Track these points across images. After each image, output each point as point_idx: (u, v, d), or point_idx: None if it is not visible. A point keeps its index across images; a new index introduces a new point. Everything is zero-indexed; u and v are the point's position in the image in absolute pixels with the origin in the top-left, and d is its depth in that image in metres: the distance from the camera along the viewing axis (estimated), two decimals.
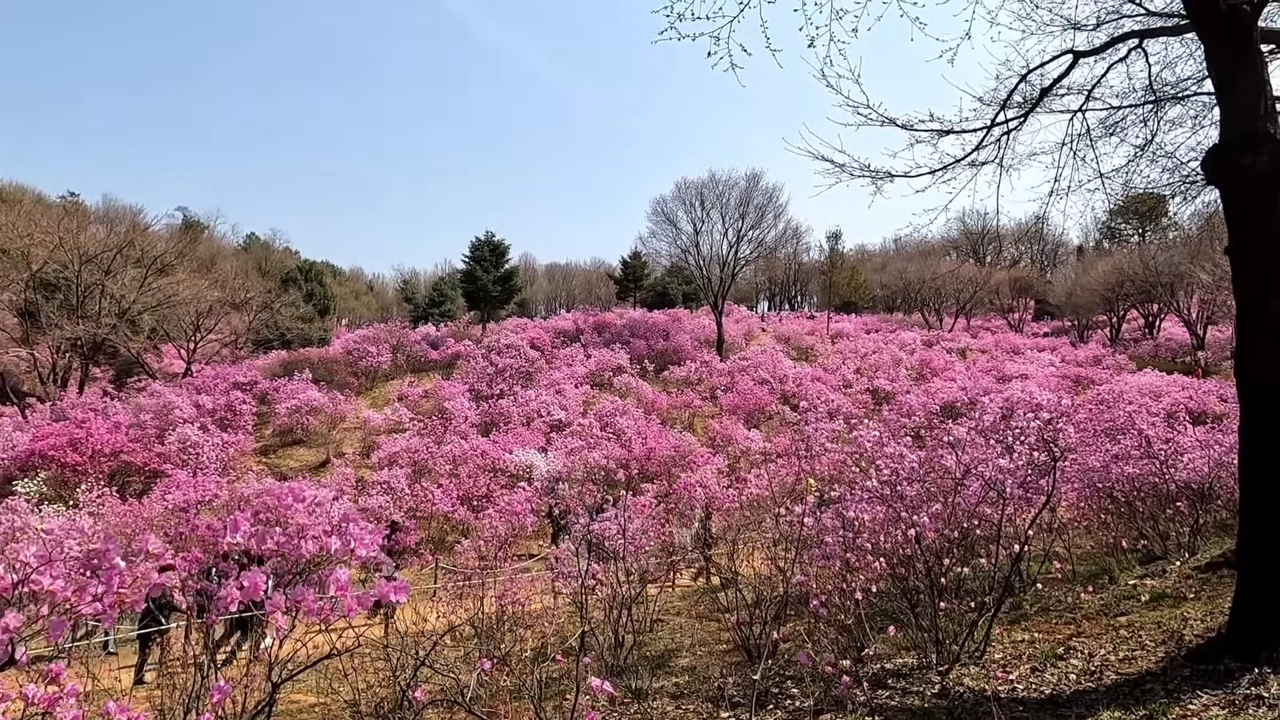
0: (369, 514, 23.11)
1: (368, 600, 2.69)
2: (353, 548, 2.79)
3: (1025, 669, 5.77)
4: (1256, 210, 5.38)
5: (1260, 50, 5.69)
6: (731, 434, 32.92)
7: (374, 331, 49.03)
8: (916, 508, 7.08)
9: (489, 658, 6.59)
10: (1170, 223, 48.88)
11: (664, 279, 73.96)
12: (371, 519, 22.56)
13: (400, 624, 7.70)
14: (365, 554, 2.81)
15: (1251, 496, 5.33)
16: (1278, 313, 5.22)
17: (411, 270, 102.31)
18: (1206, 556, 8.62)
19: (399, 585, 2.70)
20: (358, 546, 2.79)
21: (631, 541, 10.96)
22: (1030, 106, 9.71)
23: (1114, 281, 56.90)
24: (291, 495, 4.79)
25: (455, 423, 32.93)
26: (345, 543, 2.78)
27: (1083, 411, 20.75)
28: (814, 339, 54.81)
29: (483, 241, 60.26)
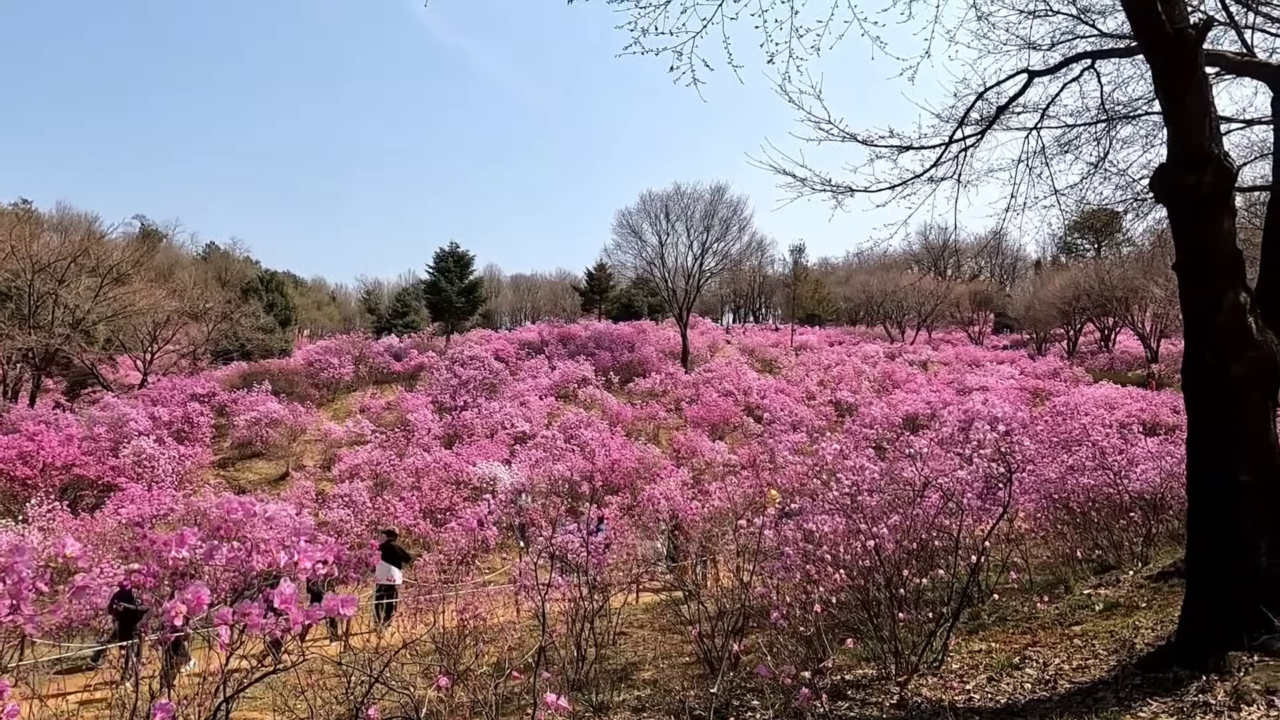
0: (329, 527, 22.81)
1: (317, 614, 2.65)
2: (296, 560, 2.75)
3: (982, 679, 5.84)
4: (1202, 228, 5.52)
5: (1205, 73, 5.85)
6: (696, 446, 33.00)
7: (336, 342, 48.51)
8: (876, 519, 7.15)
9: (448, 673, 6.52)
10: (1124, 238, 49.90)
11: (629, 291, 74.04)
12: (332, 532, 22.29)
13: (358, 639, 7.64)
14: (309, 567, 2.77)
15: (1198, 507, 5.45)
16: (1222, 328, 5.35)
17: (375, 281, 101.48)
18: (1158, 566, 8.79)
19: (346, 599, 2.67)
20: (301, 559, 2.75)
21: (595, 554, 10.93)
22: (987, 124, 9.89)
23: (1070, 295, 58.04)
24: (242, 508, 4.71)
25: (418, 435, 32.64)
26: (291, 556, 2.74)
27: (1041, 423, 21.10)
28: (778, 351, 55.18)
29: (447, 252, 59.96)
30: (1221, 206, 5.56)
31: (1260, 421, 5.35)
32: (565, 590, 9.58)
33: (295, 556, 2.74)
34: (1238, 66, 8.91)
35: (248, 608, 2.53)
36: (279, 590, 2.54)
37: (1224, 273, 5.44)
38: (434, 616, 11.82)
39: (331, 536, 20.43)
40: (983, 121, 9.96)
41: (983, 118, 9.99)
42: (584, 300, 78.23)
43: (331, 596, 2.65)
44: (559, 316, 76.84)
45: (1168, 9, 5.59)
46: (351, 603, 2.69)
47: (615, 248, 58.47)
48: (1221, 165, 5.56)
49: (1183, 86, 5.63)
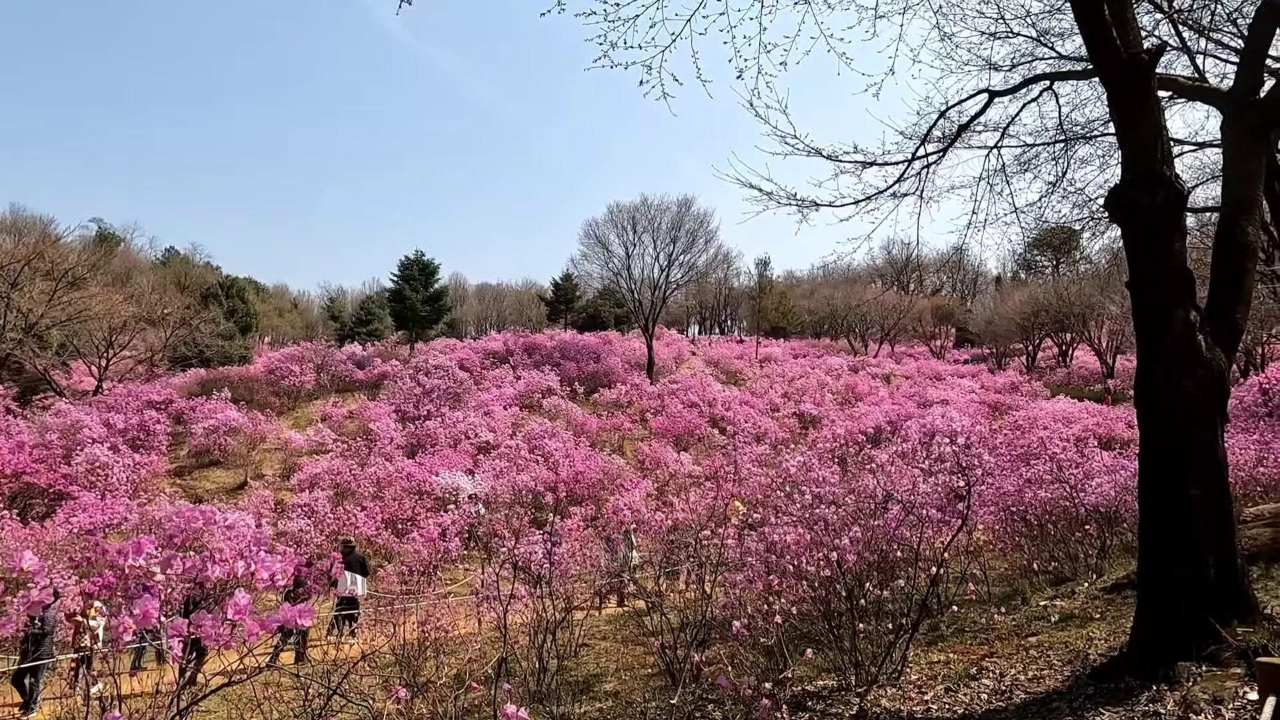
0: (288, 538, 22.49)
1: (271, 624, 2.62)
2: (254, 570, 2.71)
3: (940, 689, 5.90)
4: (1154, 247, 5.66)
5: (1158, 96, 6.01)
6: (661, 457, 33.04)
7: (298, 350, 47.87)
8: (838, 531, 7.20)
9: (407, 685, 6.45)
10: (1081, 256, 51.01)
11: (596, 301, 74.01)
12: (291, 543, 21.97)
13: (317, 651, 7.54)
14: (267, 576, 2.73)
15: (1150, 520, 5.56)
16: (1172, 345, 5.49)
17: (338, 288, 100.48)
18: (1112, 578, 8.96)
19: (303, 609, 2.64)
20: (259, 569, 2.71)
21: (558, 565, 10.89)
22: (949, 141, 10.06)
23: (1030, 311, 59.09)
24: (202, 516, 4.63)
25: (380, 444, 32.32)
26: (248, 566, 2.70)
27: (1000, 437, 21.42)
28: (743, 363, 55.45)
29: (412, 260, 59.53)
30: (1173, 227, 5.71)
31: (1209, 437, 5.49)
32: (528, 601, 9.54)
33: (253, 566, 2.70)
34: (1189, 91, 9.18)
35: (201, 619, 2.49)
36: (233, 600, 2.51)
37: (1175, 291, 5.58)
38: (395, 628, 11.67)
39: (290, 547, 20.15)
40: (945, 139, 10.13)
41: (945, 135, 10.17)
42: (550, 310, 78.02)
43: (289, 606, 2.62)
44: (525, 326, 76.47)
45: (1122, 34, 5.74)
46: (309, 613, 2.67)
47: (582, 258, 58.52)
48: (1173, 187, 5.70)
49: (1136, 109, 5.77)
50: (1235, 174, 6.43)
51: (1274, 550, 8.16)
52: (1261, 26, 7.08)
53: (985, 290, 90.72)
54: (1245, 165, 6.43)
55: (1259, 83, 6.92)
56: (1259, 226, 6.90)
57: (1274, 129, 6.74)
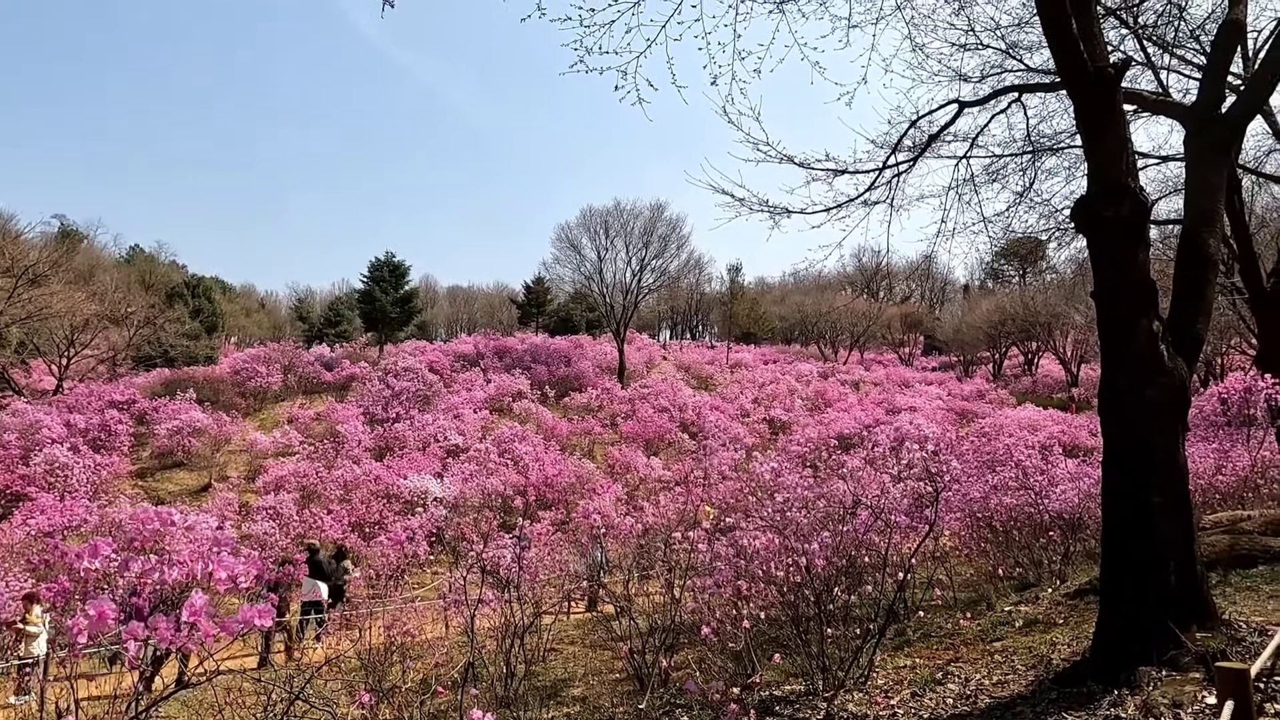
0: (253, 540, 22.20)
1: (233, 627, 2.57)
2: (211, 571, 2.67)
3: (906, 694, 5.94)
4: (1119, 258, 5.76)
5: (1123, 110, 6.11)
6: (631, 462, 33.03)
7: (265, 351, 47.30)
8: (807, 536, 7.24)
9: (371, 690, 6.38)
10: (1047, 266, 51.75)
11: (567, 305, 73.86)
12: (256, 545, 21.69)
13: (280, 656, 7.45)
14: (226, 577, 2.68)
15: (1112, 527, 5.65)
16: (1136, 354, 5.58)
17: (307, 289, 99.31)
18: (1075, 583, 9.07)
19: (262, 610, 2.60)
20: (217, 569, 2.66)
21: (527, 569, 10.85)
22: (919, 151, 10.15)
23: (997, 320, 59.89)
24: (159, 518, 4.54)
25: (348, 447, 32.01)
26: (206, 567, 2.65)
27: (966, 444, 21.65)
28: (714, 368, 55.60)
29: (382, 262, 59.05)
30: (1137, 238, 5.81)
31: (1171, 445, 5.59)
32: (496, 606, 9.49)
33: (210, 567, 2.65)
34: (1154, 105, 9.35)
35: (157, 622, 2.44)
36: (189, 602, 2.46)
37: (1139, 301, 5.68)
38: (360, 632, 11.58)
39: (254, 550, 19.89)
40: (915, 148, 10.23)
41: (915, 145, 10.26)
42: (521, 313, 77.74)
43: (248, 608, 2.57)
44: (495, 329, 76.09)
45: (1090, 47, 5.84)
46: (268, 614, 2.62)
47: (554, 261, 58.45)
48: (1137, 199, 5.81)
49: (1102, 122, 5.87)
50: (1197, 187, 6.55)
51: (1231, 557, 8.33)
52: (1223, 43, 7.24)
53: (953, 299, 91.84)
54: (1207, 179, 6.55)
55: (1221, 98, 7.06)
56: (1220, 239, 7.04)
57: (1235, 144, 6.88)
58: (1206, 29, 13.50)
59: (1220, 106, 6.98)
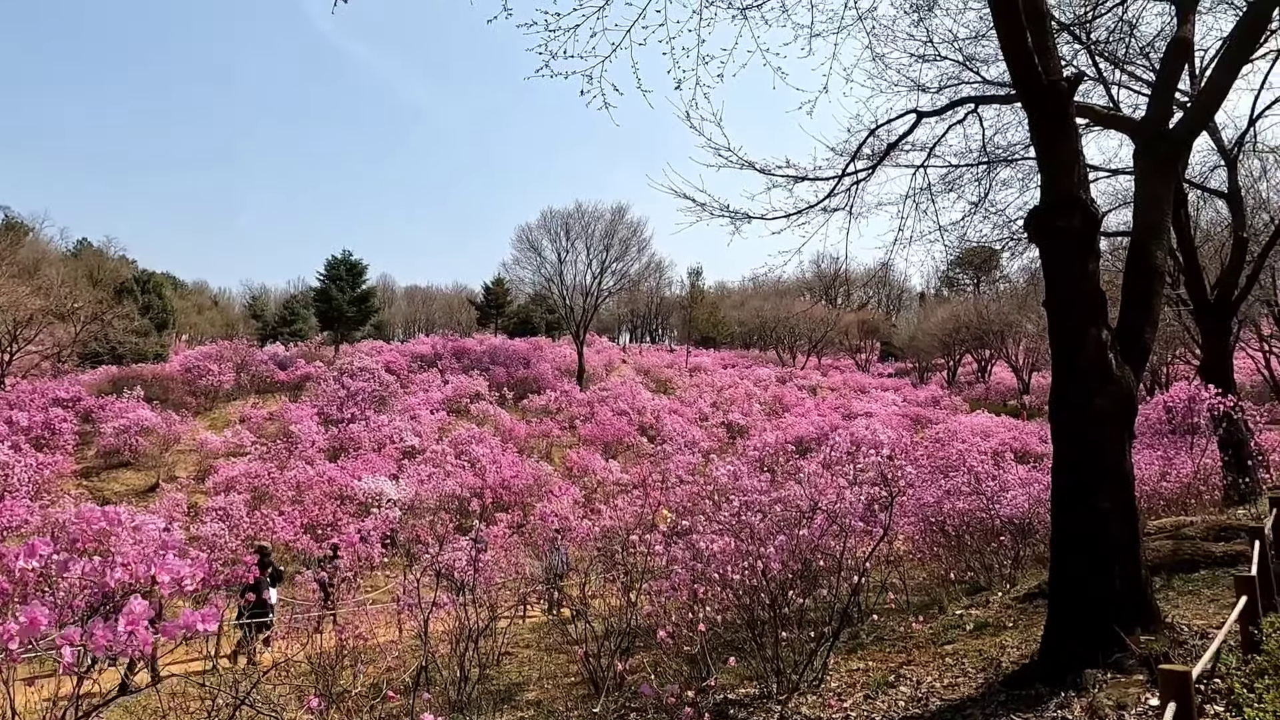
0: (202, 542, 21.73)
1: (172, 631, 2.51)
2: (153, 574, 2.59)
3: (859, 697, 5.99)
4: (1070, 268, 5.87)
5: (1076, 123, 6.24)
6: (589, 464, 32.95)
7: (217, 349, 46.36)
8: (764, 540, 7.27)
9: (321, 694, 6.28)
10: (1001, 275, 52.76)
11: (527, 306, 73.51)
12: (205, 547, 21.22)
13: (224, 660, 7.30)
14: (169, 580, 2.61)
15: (1061, 532, 5.76)
16: (1086, 362, 5.70)
17: (261, 286, 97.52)
18: (1025, 587, 9.23)
19: (206, 614, 2.53)
20: (159, 572, 2.59)
21: (482, 572, 10.75)
22: (878, 159, 10.27)
23: (951, 327, 60.85)
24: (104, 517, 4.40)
25: (301, 447, 31.48)
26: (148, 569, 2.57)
27: (921, 449, 21.92)
28: (673, 372, 55.70)
29: (339, 260, 58.22)
30: (1088, 249, 5.94)
31: (1118, 452, 5.71)
32: (450, 609, 9.40)
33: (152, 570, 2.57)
34: (1105, 119, 9.56)
35: (95, 626, 2.36)
36: (127, 609, 2.38)
37: (1089, 311, 5.80)
38: (311, 636, 11.39)
39: (204, 552, 19.47)
40: (874, 157, 10.35)
41: (874, 153, 10.39)
42: (480, 314, 77.18)
43: (189, 612, 2.50)
44: (454, 330, 75.43)
45: (1044, 61, 5.96)
46: (212, 618, 2.56)
47: (514, 263, 58.08)
48: (1088, 210, 5.93)
49: (1055, 134, 5.99)
50: (1146, 200, 6.71)
51: (1175, 562, 8.53)
52: (1171, 61, 7.43)
53: (910, 306, 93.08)
54: (1155, 192, 6.72)
55: (1169, 114, 7.25)
56: (1166, 251, 7.22)
57: (1181, 159, 7.06)
58: (1156, 46, 13.87)
59: (1168, 122, 7.16)
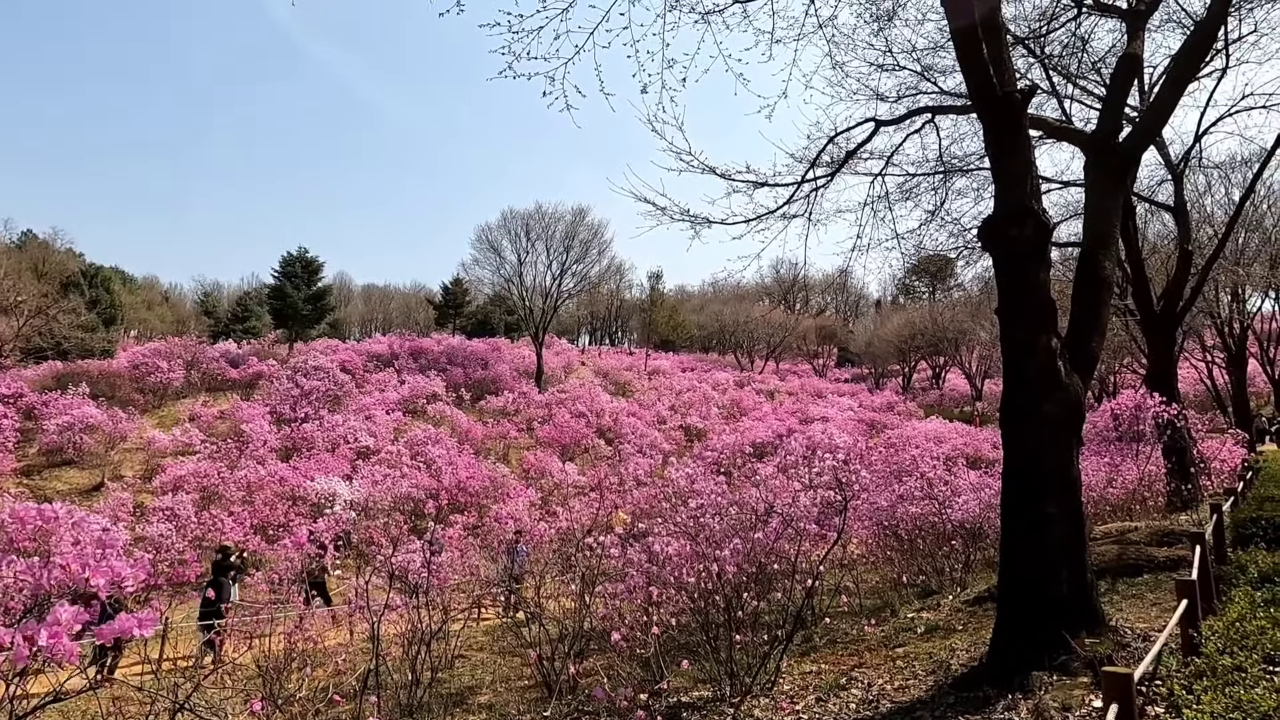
0: (147, 543, 21.24)
1: (107, 635, 2.43)
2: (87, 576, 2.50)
3: (811, 699, 6.02)
4: (1022, 277, 5.97)
5: (1029, 135, 6.36)
6: (546, 466, 32.83)
7: (166, 345, 45.35)
8: (719, 543, 7.29)
9: (264, 698, 6.15)
10: (955, 283, 53.65)
11: (486, 307, 73.05)
12: (150, 548, 20.75)
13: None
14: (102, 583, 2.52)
15: (1010, 536, 5.85)
16: (1036, 370, 5.80)
17: (214, 283, 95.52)
18: (975, 591, 9.37)
19: (144, 618, 2.46)
20: (93, 575, 2.51)
21: (436, 574, 10.63)
22: (837, 167, 10.37)
23: (907, 334, 61.74)
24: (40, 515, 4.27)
25: (253, 446, 30.91)
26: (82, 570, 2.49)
27: (876, 454, 22.17)
28: (632, 375, 55.71)
29: (295, 257, 57.33)
30: (1039, 258, 6.04)
31: (1066, 458, 5.81)
32: (403, 611, 9.28)
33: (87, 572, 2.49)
34: (1057, 131, 9.75)
35: (27, 628, 2.27)
36: (51, 616, 2.29)
37: (1039, 319, 5.90)
38: (259, 639, 11.17)
39: (149, 553, 19.04)
40: (833, 164, 10.45)
41: (833, 160, 10.49)
42: (438, 314, 76.50)
43: (126, 616, 2.43)
44: (411, 330, 74.64)
45: (999, 74, 6.06)
46: (150, 623, 2.49)
47: (473, 263, 57.66)
48: (1040, 220, 6.04)
49: (1009, 145, 6.09)
50: (1096, 212, 6.85)
51: (1120, 566, 8.72)
52: (1121, 76, 7.60)
53: (866, 312, 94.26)
54: (1104, 204, 6.86)
55: (1118, 128, 7.41)
56: (1115, 262, 7.38)
57: (1130, 172, 7.22)
58: (1107, 62, 14.20)
59: (1118, 136, 7.32)
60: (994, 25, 6.34)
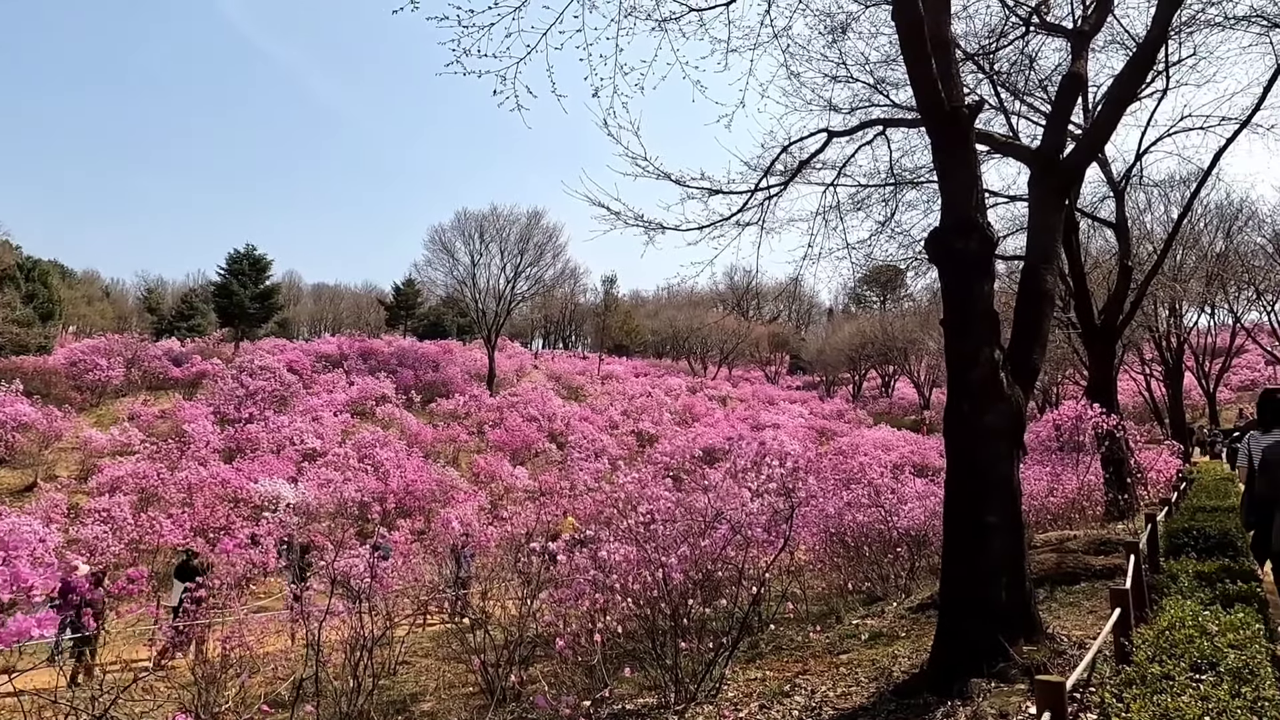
0: (81, 545, 20.62)
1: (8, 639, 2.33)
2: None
3: (754, 706, 6.03)
4: (967, 289, 6.06)
5: (975, 149, 6.46)
6: (497, 470, 32.61)
7: (106, 342, 44.07)
8: (666, 549, 7.27)
9: (205, 707, 5.99)
10: (905, 294, 54.57)
11: (438, 309, 72.39)
12: (84, 550, 20.14)
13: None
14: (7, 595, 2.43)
15: (952, 544, 5.92)
16: (979, 380, 5.88)
17: (158, 279, 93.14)
18: (919, 598, 9.49)
19: (43, 618, 2.37)
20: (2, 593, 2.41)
21: (380, 579, 10.46)
22: (790, 175, 10.45)
23: (858, 343, 62.64)
24: None
25: (194, 447, 30.18)
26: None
27: (825, 461, 22.38)
28: (585, 379, 55.62)
29: (242, 254, 56.18)
30: (984, 271, 6.14)
31: (1007, 468, 5.91)
32: (345, 617, 9.12)
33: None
34: (1003, 147, 9.94)
35: None
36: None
37: (983, 331, 5.99)
38: (195, 645, 10.90)
39: (83, 556, 18.46)
40: (786, 173, 10.53)
41: (787, 169, 10.57)
42: (390, 315, 75.60)
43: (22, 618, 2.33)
44: (362, 330, 73.58)
45: (947, 88, 6.15)
46: (48, 623, 2.39)
47: (426, 264, 57.11)
48: (985, 234, 6.14)
49: (956, 158, 6.19)
50: (1038, 227, 6.99)
51: (1058, 574, 8.89)
52: (1065, 94, 7.77)
53: (819, 320, 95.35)
54: (1047, 219, 7.00)
55: (1062, 145, 7.57)
56: (1057, 276, 7.54)
57: (1073, 187, 7.39)
58: (1053, 79, 14.54)
59: (1061, 152, 7.48)
60: (943, 40, 6.44)
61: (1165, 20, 7.46)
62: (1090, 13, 9.21)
